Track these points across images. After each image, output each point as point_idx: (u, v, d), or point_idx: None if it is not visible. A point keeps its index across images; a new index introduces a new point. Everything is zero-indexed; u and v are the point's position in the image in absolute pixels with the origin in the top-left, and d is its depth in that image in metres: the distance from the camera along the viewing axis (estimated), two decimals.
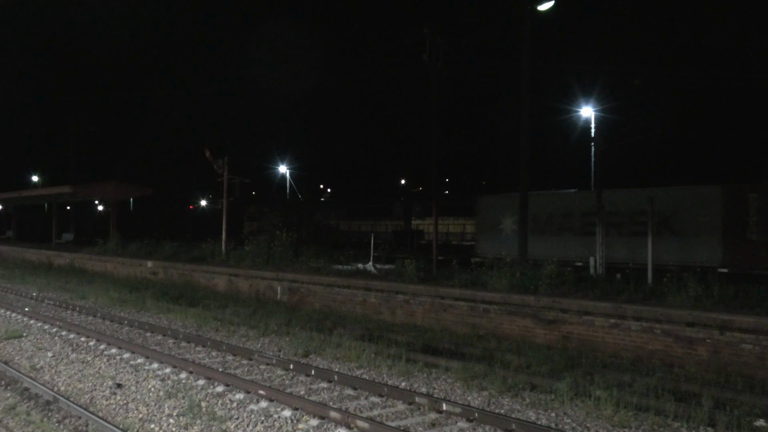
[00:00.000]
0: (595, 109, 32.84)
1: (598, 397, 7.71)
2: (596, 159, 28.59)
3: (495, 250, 22.14)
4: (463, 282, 13.76)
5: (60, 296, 18.72)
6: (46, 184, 58.22)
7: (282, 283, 17.19)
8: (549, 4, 16.29)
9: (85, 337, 12.11)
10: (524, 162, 16.64)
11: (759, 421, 7.16)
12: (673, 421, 7.12)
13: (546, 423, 7.13)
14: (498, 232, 23.08)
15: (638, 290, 11.76)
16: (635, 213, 18.92)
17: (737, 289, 10.83)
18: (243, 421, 7.18)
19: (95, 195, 37.40)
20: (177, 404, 7.79)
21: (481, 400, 8.03)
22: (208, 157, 22.30)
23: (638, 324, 10.36)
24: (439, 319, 13.23)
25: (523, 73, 16.60)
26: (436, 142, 17.62)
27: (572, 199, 21.81)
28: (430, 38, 16.57)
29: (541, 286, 12.37)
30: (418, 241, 40.68)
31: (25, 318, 14.57)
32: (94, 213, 57.95)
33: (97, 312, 15.35)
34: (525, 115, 16.65)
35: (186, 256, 23.33)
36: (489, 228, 23.61)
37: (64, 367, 9.85)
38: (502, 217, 22.95)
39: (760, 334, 9.18)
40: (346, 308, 15.19)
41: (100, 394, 8.33)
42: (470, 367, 9.22)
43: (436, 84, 17.33)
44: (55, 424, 7.24)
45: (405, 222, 47.45)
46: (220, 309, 15.65)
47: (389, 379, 9.09)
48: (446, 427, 7.05)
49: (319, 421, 7.09)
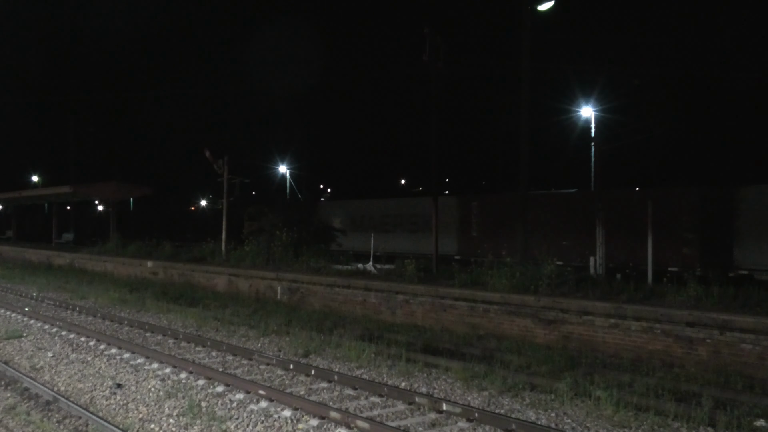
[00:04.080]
0: (595, 109, 32.82)
1: (598, 397, 7.71)
2: (596, 159, 28.61)
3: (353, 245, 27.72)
4: (463, 282, 13.75)
5: (60, 296, 18.72)
6: (46, 184, 58.18)
7: (282, 283, 17.19)
8: (549, 4, 16.30)
9: (85, 337, 12.11)
10: (524, 162, 16.64)
11: (759, 421, 7.16)
12: (673, 421, 7.12)
13: (546, 423, 7.13)
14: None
15: (638, 290, 11.76)
16: (412, 215, 25.71)
17: (737, 289, 10.85)
18: (243, 421, 7.18)
19: (95, 195, 37.41)
20: (177, 404, 7.79)
21: (481, 400, 8.03)
22: (208, 157, 22.27)
23: (638, 324, 10.36)
24: (439, 319, 13.23)
25: (523, 73, 16.61)
26: (436, 142, 17.61)
27: (374, 205, 28.69)
28: (430, 38, 16.54)
29: (541, 286, 12.37)
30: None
31: (25, 318, 14.57)
32: (94, 213, 57.95)
33: (97, 312, 15.35)
34: (525, 115, 16.66)
35: (186, 256, 23.33)
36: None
37: (64, 367, 9.85)
38: (334, 218, 29.44)
39: (760, 334, 9.18)
40: (346, 308, 15.19)
41: (100, 394, 8.33)
42: (470, 367, 9.22)
43: (436, 84, 17.32)
44: (55, 424, 7.24)
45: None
46: (220, 309, 15.65)
47: (389, 379, 9.09)
48: (446, 427, 7.05)
49: (319, 421, 7.09)
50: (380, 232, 25.60)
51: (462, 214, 23.66)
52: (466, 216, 23.35)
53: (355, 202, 31.87)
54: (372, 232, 25.03)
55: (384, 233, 26.07)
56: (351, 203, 32.02)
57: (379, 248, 23.81)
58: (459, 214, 23.77)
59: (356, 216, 28.32)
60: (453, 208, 23.92)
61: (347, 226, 28.42)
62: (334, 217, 29.62)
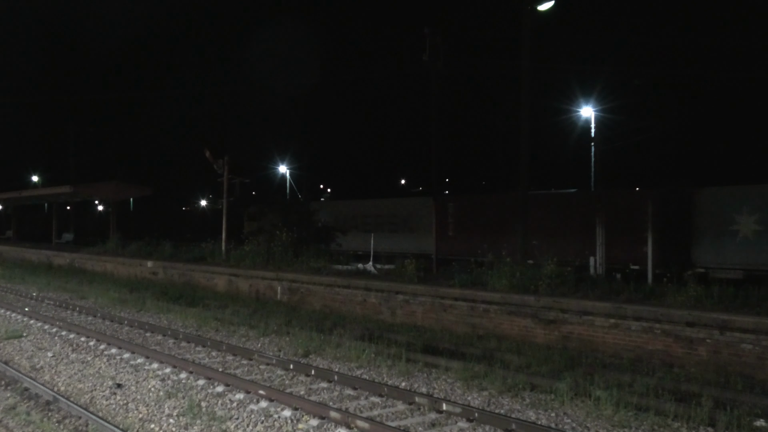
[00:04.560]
0: (595, 109, 32.83)
1: (598, 397, 7.71)
2: (596, 159, 28.63)
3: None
4: (462, 282, 13.76)
5: (60, 296, 18.72)
6: (46, 184, 58.14)
7: (282, 283, 17.19)
8: (549, 4, 16.28)
9: (85, 337, 12.11)
10: (524, 162, 16.64)
11: (759, 421, 7.16)
12: (673, 421, 7.12)
13: (546, 423, 7.13)
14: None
15: (638, 290, 11.76)
16: (392, 216, 26.41)
17: (737, 289, 10.85)
18: (243, 421, 7.18)
19: (95, 195, 37.42)
20: (177, 404, 7.79)
21: (481, 400, 8.03)
22: (208, 157, 22.27)
23: (638, 324, 10.36)
24: (439, 319, 13.23)
25: (523, 73, 16.60)
26: (436, 142, 17.63)
27: (356, 206, 29.20)
28: (430, 38, 16.58)
29: (541, 286, 12.37)
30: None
31: (25, 318, 14.57)
32: (94, 213, 57.97)
33: (97, 312, 15.35)
34: (525, 115, 16.64)
35: (186, 256, 23.32)
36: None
37: (64, 367, 9.85)
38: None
39: (760, 334, 9.18)
40: (346, 308, 15.19)
41: (100, 394, 8.33)
42: (470, 367, 9.22)
43: (436, 84, 17.33)
44: (55, 424, 7.24)
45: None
46: (220, 309, 15.65)
47: (389, 379, 9.09)
48: (446, 427, 7.05)
49: (319, 421, 7.09)
50: (361, 232, 26.05)
51: (438, 215, 24.15)
52: (443, 217, 24.01)
53: (338, 203, 32.49)
54: (354, 231, 26.10)
55: (365, 233, 26.53)
56: (335, 204, 32.61)
57: (360, 248, 24.59)
58: (436, 215, 24.19)
59: (339, 217, 28.67)
60: (431, 209, 24.60)
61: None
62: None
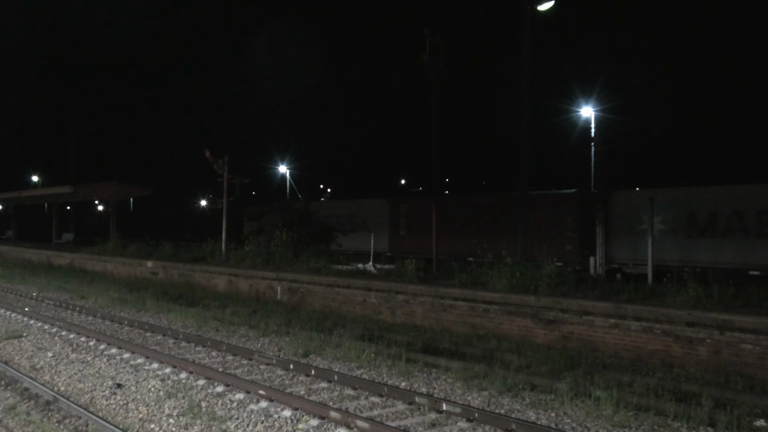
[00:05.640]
0: (595, 109, 32.81)
1: (598, 397, 7.71)
2: (596, 159, 28.62)
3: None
4: (463, 282, 13.76)
5: (60, 296, 18.71)
6: (46, 184, 58.12)
7: (282, 283, 17.19)
8: (549, 4, 16.29)
9: (85, 337, 12.11)
10: (524, 162, 16.64)
11: (759, 421, 7.16)
12: (673, 421, 7.12)
13: (546, 423, 7.13)
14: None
15: (638, 290, 11.76)
16: (352, 216, 27.24)
17: (737, 289, 10.85)
18: (243, 421, 7.18)
19: (95, 195, 37.37)
20: (177, 404, 7.79)
21: (481, 400, 8.03)
22: (208, 157, 22.25)
23: (638, 324, 10.36)
24: (439, 319, 13.23)
25: (523, 73, 16.61)
26: (436, 142, 17.62)
27: (324, 207, 29.70)
28: (430, 38, 16.53)
29: (541, 286, 12.38)
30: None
31: (25, 318, 14.57)
32: (94, 213, 57.86)
33: (97, 312, 15.35)
34: (525, 115, 16.66)
35: (186, 256, 23.31)
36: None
37: (64, 367, 9.85)
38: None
39: (760, 334, 9.18)
40: (346, 308, 15.19)
41: (100, 394, 8.33)
42: (470, 367, 9.22)
43: (436, 84, 17.32)
44: (55, 424, 7.24)
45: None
46: (220, 309, 15.65)
47: (389, 379, 9.09)
48: (446, 427, 7.05)
49: (319, 421, 7.09)
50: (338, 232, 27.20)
51: (392, 215, 25.61)
52: (395, 217, 25.34)
53: (313, 204, 33.23)
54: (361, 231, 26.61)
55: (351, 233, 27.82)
56: (312, 205, 33.30)
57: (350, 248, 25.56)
58: (389, 215, 25.69)
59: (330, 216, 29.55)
60: (385, 210, 26.06)
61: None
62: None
